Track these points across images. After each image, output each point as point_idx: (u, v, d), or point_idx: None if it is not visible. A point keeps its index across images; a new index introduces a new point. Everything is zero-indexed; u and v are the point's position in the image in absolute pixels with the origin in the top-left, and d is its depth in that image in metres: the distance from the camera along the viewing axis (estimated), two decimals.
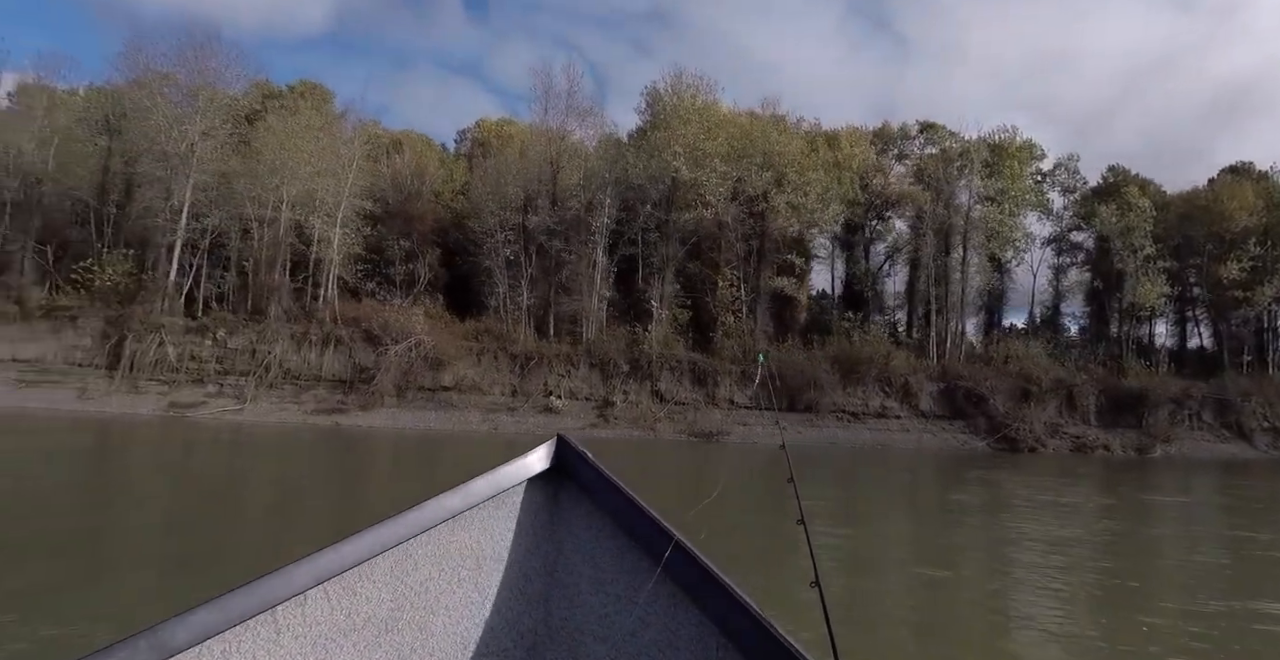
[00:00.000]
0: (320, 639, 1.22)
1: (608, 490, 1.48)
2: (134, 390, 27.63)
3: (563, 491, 1.55)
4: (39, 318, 29.02)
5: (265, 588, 1.16)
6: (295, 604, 1.20)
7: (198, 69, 30.11)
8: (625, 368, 31.40)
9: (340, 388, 28.69)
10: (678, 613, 1.31)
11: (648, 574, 1.34)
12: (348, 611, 1.26)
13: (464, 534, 1.43)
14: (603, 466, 1.51)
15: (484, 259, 33.29)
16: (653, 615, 1.34)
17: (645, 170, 34.58)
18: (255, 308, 29.96)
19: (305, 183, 30.30)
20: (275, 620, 1.18)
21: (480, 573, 1.43)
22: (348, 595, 1.27)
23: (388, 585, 1.32)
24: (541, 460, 1.54)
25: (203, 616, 1.09)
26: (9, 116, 33.16)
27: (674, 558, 1.31)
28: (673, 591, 1.32)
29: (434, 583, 1.37)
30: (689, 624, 1.29)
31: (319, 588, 1.23)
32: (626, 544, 1.42)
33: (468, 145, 45.35)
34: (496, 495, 1.46)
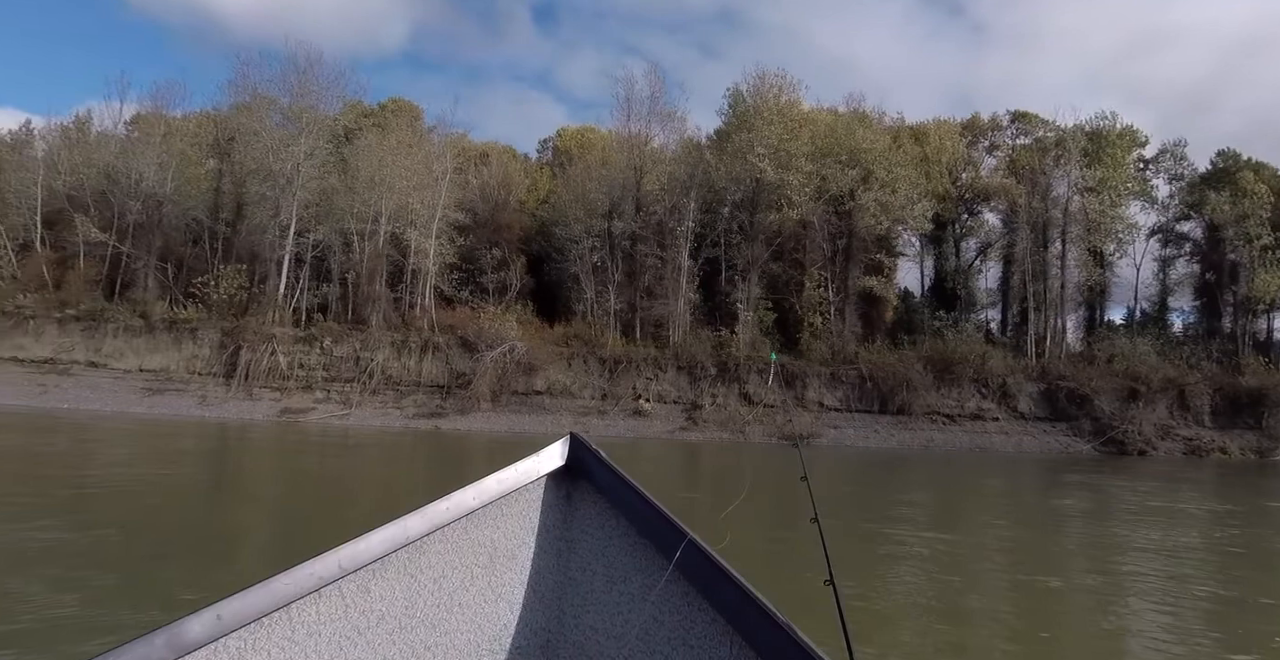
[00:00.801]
0: (335, 636, 1.23)
1: (621, 488, 1.48)
2: (249, 397, 29.27)
3: (576, 489, 1.56)
4: (162, 330, 31.12)
5: (280, 585, 1.17)
6: (310, 601, 1.21)
7: (300, 92, 31.77)
8: (712, 370, 31.34)
9: (438, 393, 29.67)
10: (691, 611, 1.30)
11: (660, 572, 1.33)
12: (362, 609, 1.27)
13: (477, 531, 1.43)
14: (615, 464, 1.51)
15: (570, 265, 33.82)
16: (666, 613, 1.33)
17: (728, 172, 34.47)
18: (357, 317, 31.33)
19: (402, 197, 31.53)
20: (290, 617, 1.19)
21: (494, 570, 1.44)
22: (362, 593, 1.28)
23: (401, 582, 1.33)
24: (555, 458, 1.54)
25: (219, 613, 1.10)
26: (130, 143, 35.71)
27: (687, 556, 1.30)
28: (686, 589, 1.31)
29: (447, 580, 1.38)
30: (702, 622, 1.29)
31: (334, 585, 1.24)
32: (639, 542, 1.42)
33: (549, 154, 46.25)
34: (510, 493, 1.47)
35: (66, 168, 35.36)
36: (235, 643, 1.13)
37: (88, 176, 34.68)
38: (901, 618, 7.02)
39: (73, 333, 31.73)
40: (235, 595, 1.12)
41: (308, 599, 1.20)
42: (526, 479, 1.49)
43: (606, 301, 32.76)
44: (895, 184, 34.33)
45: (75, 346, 31.49)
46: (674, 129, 36.19)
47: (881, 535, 11.43)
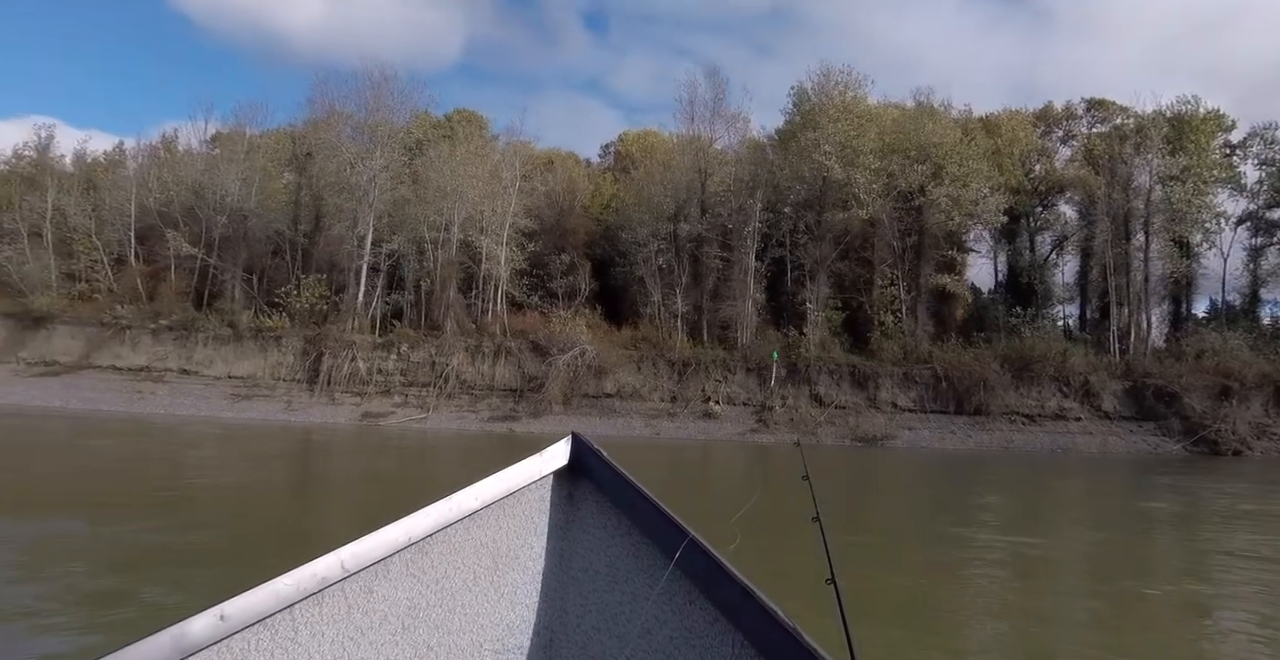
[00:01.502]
0: (338, 637, 1.24)
1: (622, 488, 1.48)
2: (331, 402, 30.31)
3: (578, 489, 1.56)
4: (249, 338, 32.51)
5: (284, 585, 1.18)
6: (313, 602, 1.22)
7: (375, 107, 32.84)
8: (782, 372, 31.09)
9: (511, 396, 30.20)
10: (693, 609, 1.30)
11: (662, 570, 1.33)
12: (365, 609, 1.28)
13: (480, 532, 1.44)
14: (617, 464, 1.50)
15: (635, 268, 34.01)
16: (668, 612, 1.33)
17: (793, 172, 34.18)
18: (432, 323, 32.15)
19: (472, 205, 32.25)
20: (294, 618, 1.20)
21: (496, 570, 1.45)
22: (365, 593, 1.29)
23: (405, 583, 1.33)
24: (557, 459, 1.55)
25: (223, 614, 1.11)
26: (215, 161, 37.43)
27: (688, 554, 1.30)
28: (688, 588, 1.31)
29: (450, 580, 1.39)
30: (704, 620, 1.28)
31: (337, 586, 1.25)
32: (641, 541, 1.42)
33: (610, 159, 46.62)
34: (512, 493, 1.48)
35: (156, 186, 37.30)
36: (239, 643, 1.14)
37: (177, 193, 36.50)
38: (983, 624, 6.87)
39: (166, 342, 33.41)
40: (239, 596, 1.14)
41: (311, 599, 1.21)
42: (529, 479, 1.50)
43: (673, 304, 32.83)
44: (967, 178, 33.48)
45: (168, 355, 33.15)
46: (737, 130, 36.07)
47: (961, 539, 11.19)
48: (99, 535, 9.05)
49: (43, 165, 41.34)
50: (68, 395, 31.86)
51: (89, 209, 37.11)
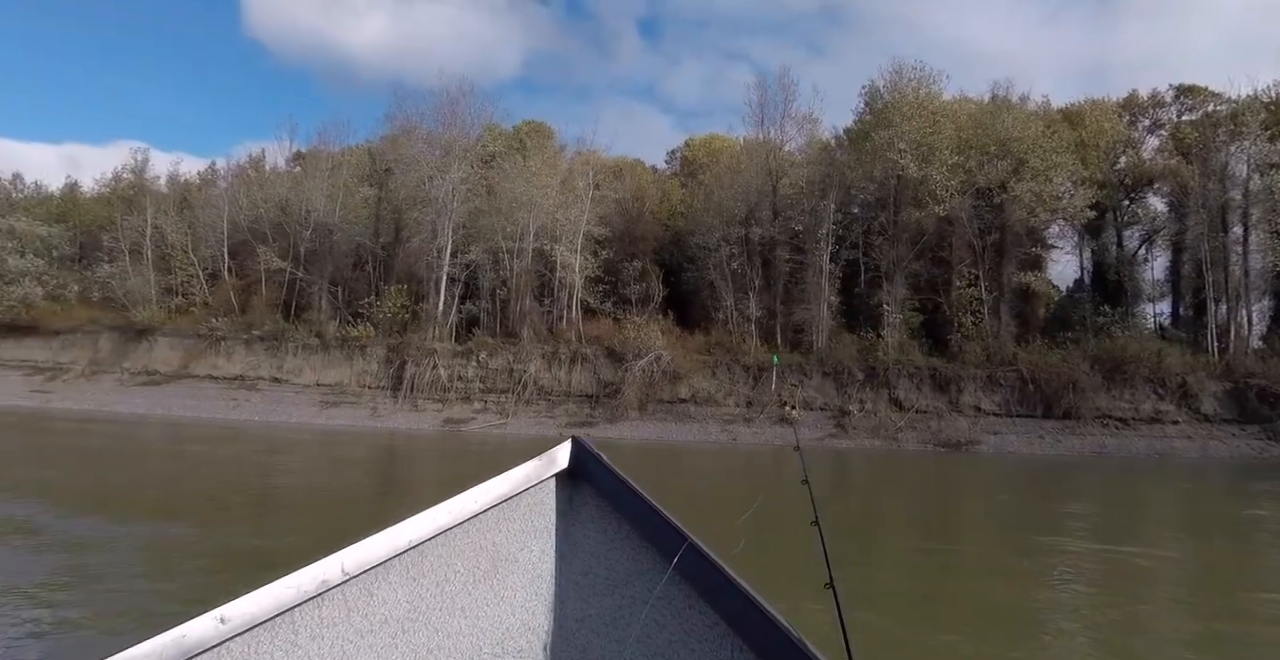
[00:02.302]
0: (338, 640, 1.24)
1: (622, 492, 1.47)
2: (414, 408, 31.21)
3: (578, 493, 1.55)
4: (335, 348, 33.78)
5: (284, 588, 1.18)
6: (313, 606, 1.22)
7: (451, 122, 33.82)
8: (860, 376, 30.57)
9: (588, 402, 30.54)
10: (692, 613, 1.29)
11: (661, 574, 1.33)
12: (365, 613, 1.27)
13: (480, 535, 1.43)
14: (617, 468, 1.49)
15: (705, 273, 33.98)
16: (667, 616, 1.33)
17: (865, 172, 33.62)
18: (508, 331, 32.81)
19: (546, 215, 32.83)
20: (294, 621, 1.20)
21: (496, 574, 1.44)
22: (364, 596, 1.28)
23: (404, 586, 1.33)
24: (557, 462, 1.53)
25: (223, 617, 1.11)
26: (300, 178, 39.07)
27: (687, 559, 1.30)
28: (687, 592, 1.30)
29: (450, 584, 1.38)
30: (703, 625, 1.28)
31: (337, 589, 1.24)
32: (641, 545, 1.42)
33: (676, 164, 46.72)
34: (512, 497, 1.47)
35: (246, 203, 39.15)
36: (239, 646, 1.14)
37: (265, 210, 38.26)
38: (1074, 639, 6.60)
39: (258, 352, 35.00)
40: (239, 599, 1.14)
41: (311, 602, 1.22)
42: (529, 482, 1.50)
43: (746, 308, 32.64)
44: (1050, 172, 32.33)
45: (261, 364, 34.71)
46: (807, 131, 35.68)
47: (1052, 548, 10.81)
48: (206, 538, 9.55)
49: (140, 187, 43.90)
50: (169, 403, 33.68)
51: (185, 227, 39.22)
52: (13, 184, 51.08)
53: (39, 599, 6.73)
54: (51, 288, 40.68)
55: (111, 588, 7.18)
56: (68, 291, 40.74)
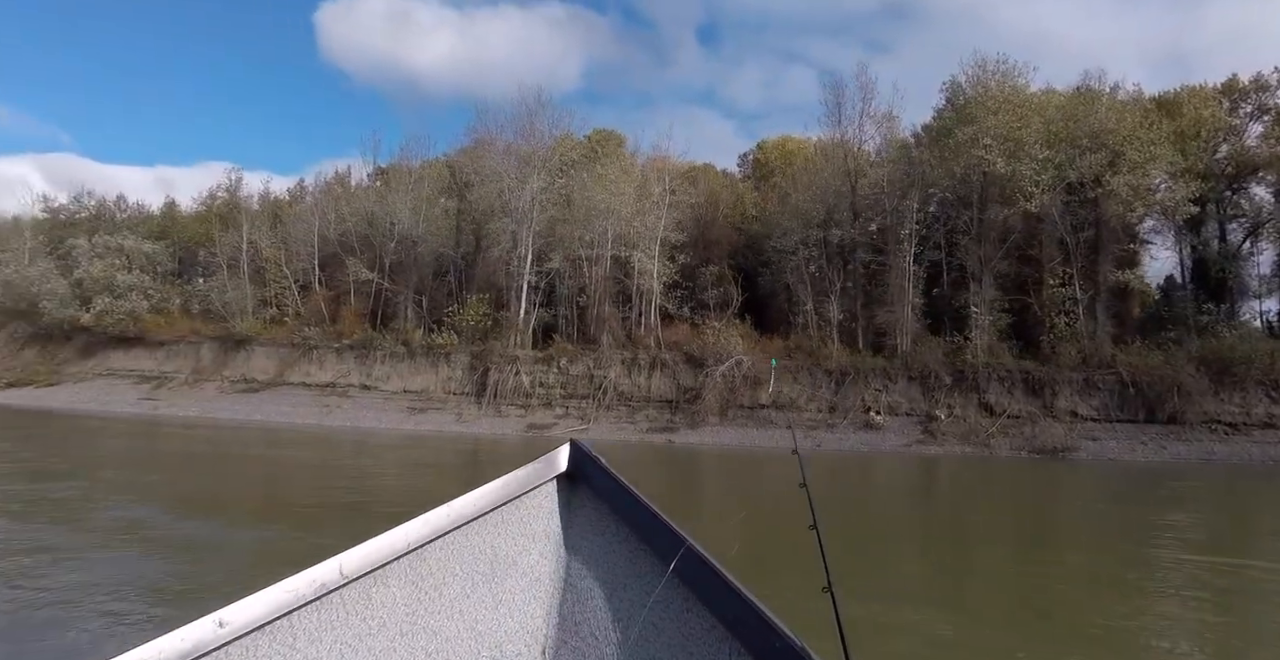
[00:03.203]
0: (336, 643, 1.23)
1: (620, 495, 1.46)
2: (498, 414, 31.87)
3: (576, 496, 1.54)
4: (421, 355, 34.84)
5: (283, 592, 1.17)
6: (312, 609, 1.22)
7: (530, 133, 34.53)
8: (947, 380, 29.71)
9: (667, 407, 30.60)
10: (690, 617, 1.28)
11: (659, 578, 1.32)
12: (363, 616, 1.27)
13: (478, 538, 1.43)
14: (615, 472, 1.48)
15: (782, 276, 33.66)
16: (665, 620, 1.31)
17: (947, 169, 32.71)
18: (588, 337, 33.22)
19: (624, 222, 33.13)
20: (292, 624, 1.19)
21: (494, 577, 1.43)
22: (363, 600, 1.28)
23: (403, 589, 1.32)
24: (555, 465, 1.53)
25: (222, 620, 1.11)
26: (385, 192, 40.49)
27: (685, 562, 1.29)
28: (685, 595, 1.29)
29: (448, 587, 1.37)
30: (701, 628, 1.26)
31: (336, 593, 1.24)
32: (639, 548, 1.41)
33: (748, 167, 46.50)
34: (511, 500, 1.46)
35: (334, 217, 40.78)
36: (237, 650, 1.14)
37: (353, 224, 39.77)
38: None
39: (348, 360, 36.37)
40: (238, 602, 1.14)
41: (310, 606, 1.22)
42: (527, 485, 1.50)
43: (826, 311, 32.15)
44: (1148, 165, 30.80)
45: (350, 372, 36.05)
46: (886, 130, 34.97)
47: (1157, 560, 10.25)
48: (303, 541, 9.84)
49: (235, 204, 46.26)
50: (266, 410, 35.29)
51: (278, 241, 41.11)
52: (116, 205, 54.57)
53: (156, 599, 7.08)
54: (156, 301, 43.23)
55: (224, 593, 7.52)
56: (171, 304, 43.22)
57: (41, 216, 52.59)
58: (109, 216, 52.54)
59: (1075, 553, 11.17)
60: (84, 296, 43.54)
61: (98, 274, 42.93)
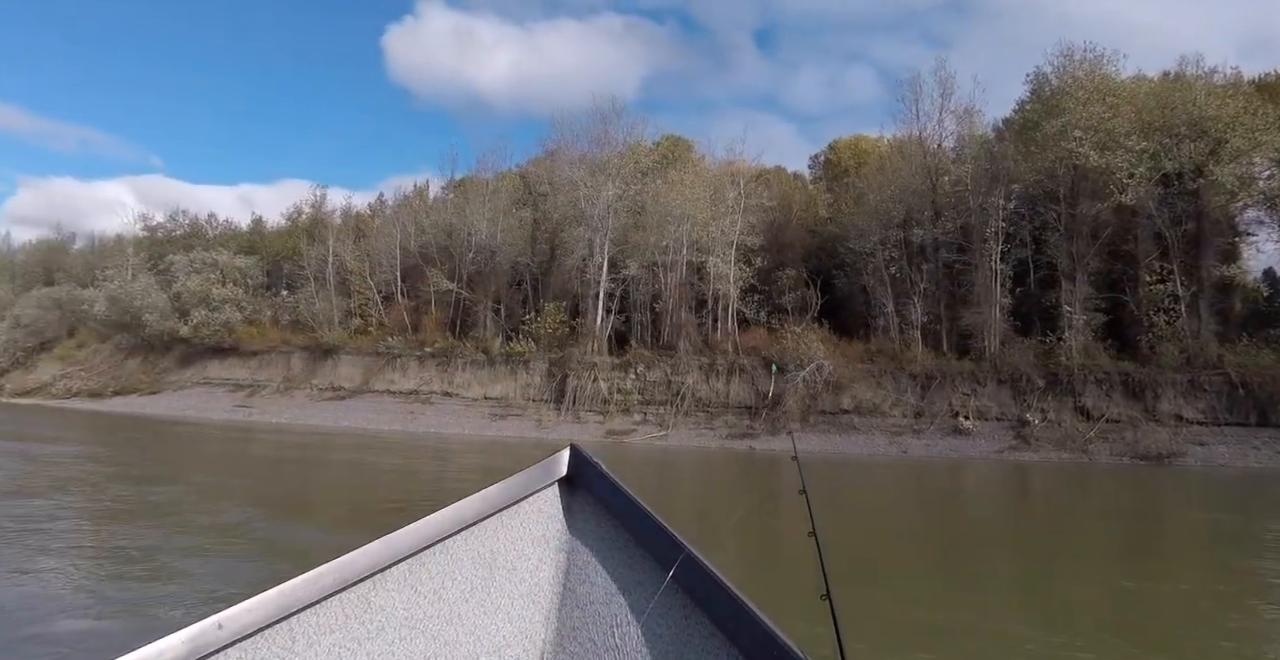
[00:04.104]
0: (335, 647, 1.22)
1: (619, 501, 1.45)
2: (577, 420, 32.23)
3: (575, 501, 1.53)
4: (500, 363, 35.56)
5: (281, 597, 1.17)
6: (311, 613, 1.21)
7: (605, 141, 34.93)
8: (1040, 383, 28.60)
9: (747, 413, 30.38)
10: (689, 623, 1.28)
11: (658, 584, 1.31)
12: (362, 620, 1.27)
13: (477, 543, 1.42)
14: (615, 477, 1.47)
15: (865, 278, 33.01)
16: (663, 626, 1.31)
17: (1034, 163, 31.54)
18: (664, 343, 33.30)
19: (699, 227, 33.13)
20: (291, 628, 1.19)
21: (493, 582, 1.43)
22: (362, 604, 1.27)
23: (402, 594, 1.32)
24: (554, 471, 1.52)
25: (220, 623, 1.10)
26: (462, 204, 41.53)
27: (684, 568, 1.28)
28: (684, 602, 1.29)
29: (447, 591, 1.37)
30: (700, 635, 1.26)
31: (335, 597, 1.24)
32: (638, 554, 1.40)
33: (819, 169, 45.88)
34: (510, 505, 1.46)
35: (414, 230, 42.05)
36: (235, 653, 1.14)
37: (432, 235, 40.95)
38: None
39: (430, 368, 37.40)
40: (236, 606, 1.13)
41: (309, 611, 1.21)
42: (527, 490, 1.49)
43: (909, 313, 31.38)
44: (1252, 152, 29.04)
45: (433, 379, 37.05)
46: (967, 125, 33.94)
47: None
48: None
49: (320, 219, 48.19)
50: (353, 416, 36.55)
51: (361, 254, 42.62)
52: (208, 222, 57.60)
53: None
54: (249, 313, 45.34)
55: None
56: (262, 316, 45.27)
57: (141, 235, 55.85)
58: (201, 233, 55.43)
59: (1191, 569, 10.60)
60: (182, 309, 46.01)
61: (195, 288, 45.32)
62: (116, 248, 55.95)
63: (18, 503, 11.75)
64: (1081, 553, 11.71)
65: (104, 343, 51.37)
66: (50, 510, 11.30)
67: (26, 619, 6.22)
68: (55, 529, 10.04)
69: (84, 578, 7.61)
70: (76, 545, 9.26)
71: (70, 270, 61.33)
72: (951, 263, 32.21)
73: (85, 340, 52.86)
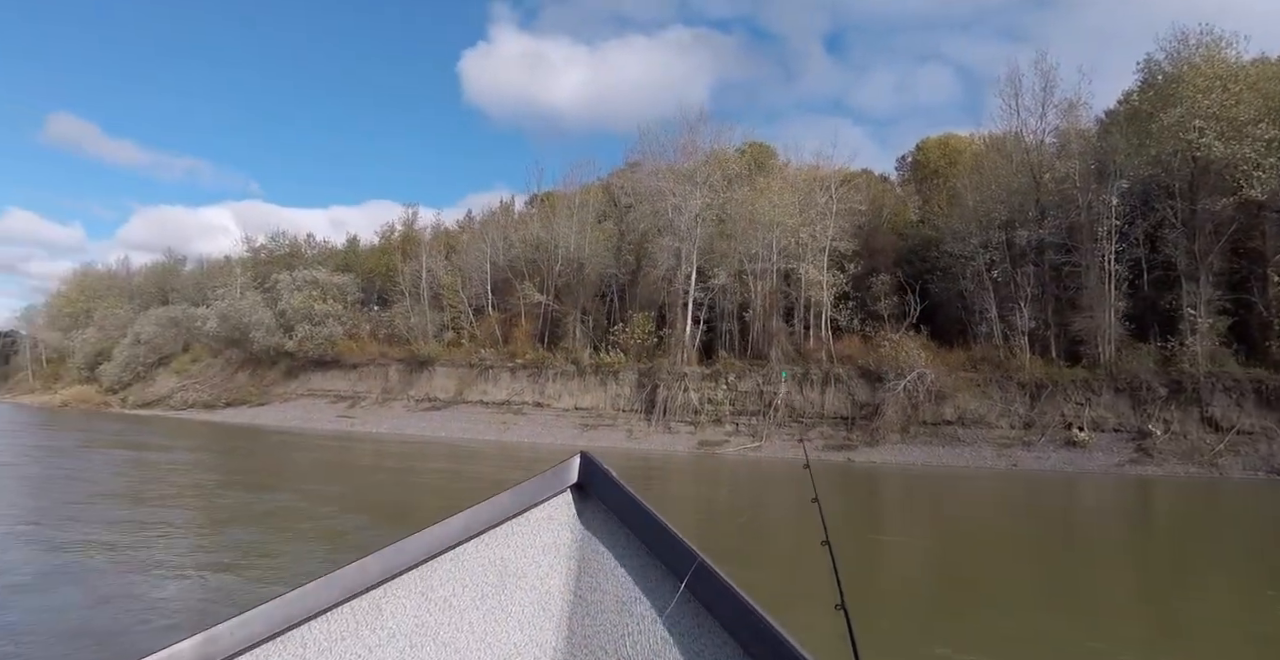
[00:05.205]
0: (347, 654, 1.22)
1: (631, 508, 1.43)
2: (668, 431, 32.19)
3: (586, 509, 1.50)
4: (590, 373, 35.92)
5: (292, 605, 1.17)
6: (322, 622, 1.21)
7: (690, 151, 34.95)
8: (1161, 391, 26.86)
9: (843, 424, 29.68)
10: (701, 633, 1.27)
11: (671, 593, 1.30)
12: (373, 627, 1.26)
13: (488, 550, 1.41)
14: (626, 484, 1.45)
15: (963, 283, 31.76)
16: (676, 635, 1.29)
17: (1146, 157, 29.76)
18: (754, 352, 32.93)
19: (788, 234, 32.69)
20: (302, 637, 1.19)
21: (503, 590, 1.41)
22: (373, 612, 1.27)
23: (412, 601, 1.31)
24: (565, 478, 1.49)
25: (230, 632, 1.10)
26: (549, 217, 42.33)
27: (697, 577, 1.27)
28: (696, 611, 1.28)
29: (458, 599, 1.36)
30: (713, 645, 1.25)
31: (346, 605, 1.23)
32: (650, 563, 1.38)
33: (906, 170, 44.67)
34: (520, 513, 1.44)
35: (503, 244, 43.13)
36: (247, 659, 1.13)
37: (520, 249, 41.88)
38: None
39: (521, 379, 38.13)
40: (246, 613, 1.12)
41: (320, 619, 1.21)
42: (537, 498, 1.46)
43: (1014, 319, 29.97)
44: None
45: (524, 390, 37.76)
46: (1072, 118, 32.34)
47: None
48: None
49: (411, 237, 49.99)
50: (449, 427, 37.59)
51: (453, 269, 43.96)
52: (307, 242, 60.58)
53: None
54: (349, 327, 47.34)
55: None
56: (361, 330, 47.18)
57: (245, 256, 59.23)
58: (300, 253, 58.33)
59: None
60: (287, 325, 48.42)
61: (298, 304, 47.64)
62: (224, 268, 59.48)
63: (142, 510, 12.46)
64: (1222, 577, 10.86)
65: (216, 357, 54.56)
66: (168, 517, 11.96)
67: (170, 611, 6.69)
68: (172, 533, 10.67)
69: (203, 575, 8.23)
70: (198, 546, 9.96)
71: (183, 290, 65.60)
72: (1059, 264, 30.64)
73: (199, 355, 56.28)
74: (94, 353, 61.86)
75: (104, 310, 65.62)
